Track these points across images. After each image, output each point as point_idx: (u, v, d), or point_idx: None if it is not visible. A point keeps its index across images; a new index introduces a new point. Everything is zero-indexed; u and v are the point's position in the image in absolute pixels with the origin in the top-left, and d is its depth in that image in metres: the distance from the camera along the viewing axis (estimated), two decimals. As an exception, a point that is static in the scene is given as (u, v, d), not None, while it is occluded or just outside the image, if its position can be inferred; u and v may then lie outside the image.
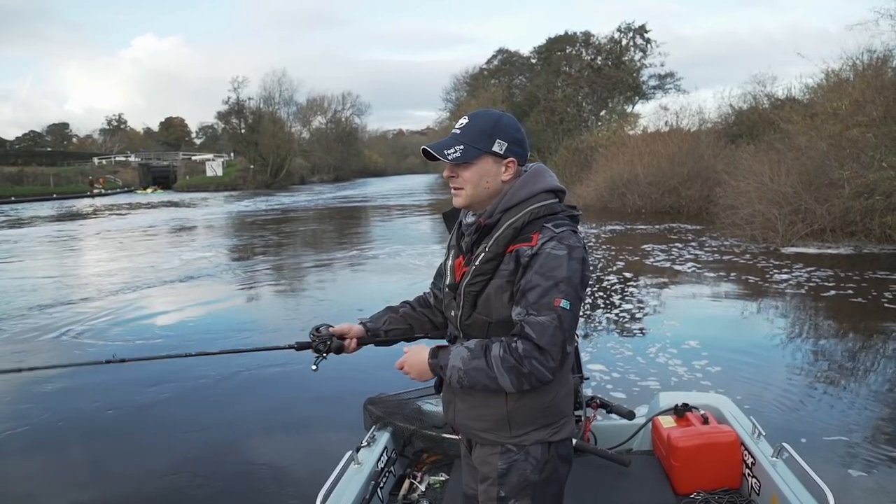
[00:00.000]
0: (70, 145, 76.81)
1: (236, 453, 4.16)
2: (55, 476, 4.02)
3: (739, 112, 22.69)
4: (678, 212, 18.62)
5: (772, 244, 11.80)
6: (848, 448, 3.88)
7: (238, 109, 58.80)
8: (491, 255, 1.57)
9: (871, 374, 5.44)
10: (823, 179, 11.96)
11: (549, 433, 1.62)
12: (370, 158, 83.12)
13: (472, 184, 1.60)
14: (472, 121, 1.61)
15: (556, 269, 1.49)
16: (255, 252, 14.79)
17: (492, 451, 1.65)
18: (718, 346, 6.09)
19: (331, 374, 5.48)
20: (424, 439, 2.87)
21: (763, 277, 9.30)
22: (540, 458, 1.62)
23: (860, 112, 11.47)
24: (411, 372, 1.66)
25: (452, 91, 57.83)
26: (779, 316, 7.60)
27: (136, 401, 5.17)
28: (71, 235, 19.97)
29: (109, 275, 11.49)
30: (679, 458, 2.56)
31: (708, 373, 5.28)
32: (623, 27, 44.48)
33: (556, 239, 1.51)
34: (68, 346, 6.87)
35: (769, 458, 2.41)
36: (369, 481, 2.46)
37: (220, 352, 2.00)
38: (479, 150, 1.57)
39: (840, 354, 6.04)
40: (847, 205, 11.21)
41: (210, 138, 78.83)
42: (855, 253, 10.88)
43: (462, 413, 1.70)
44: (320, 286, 10.48)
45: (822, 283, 8.71)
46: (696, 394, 3.04)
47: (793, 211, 12.12)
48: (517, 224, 1.55)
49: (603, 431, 2.94)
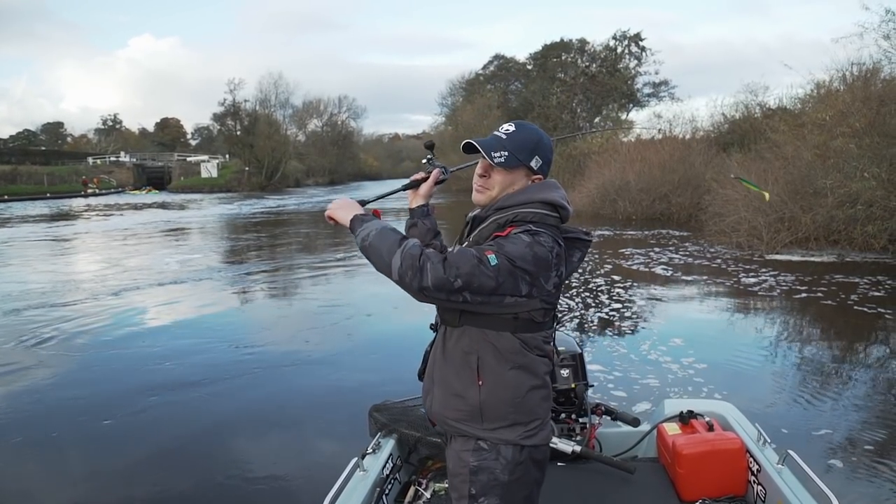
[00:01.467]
0: (65, 145, 76.51)
1: (240, 460, 4.11)
2: (48, 475, 4.01)
3: (731, 121, 22.97)
4: (668, 219, 18.83)
5: (756, 251, 12.00)
6: (830, 439, 4.10)
7: (234, 111, 58.82)
8: (472, 244, 1.66)
9: (840, 367, 5.61)
10: (808, 188, 12.18)
11: (521, 435, 1.64)
12: (365, 162, 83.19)
13: (500, 187, 1.67)
14: (518, 131, 1.67)
15: (507, 243, 1.54)
16: (248, 254, 14.87)
17: (464, 447, 1.68)
18: (702, 343, 6.46)
19: (332, 381, 5.65)
20: (430, 446, 2.84)
21: (737, 280, 9.72)
22: (510, 460, 1.64)
23: (844, 123, 11.69)
24: (334, 207, 1.73)
25: (448, 96, 58.03)
26: (748, 315, 8.04)
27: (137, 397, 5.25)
28: (60, 236, 19.98)
29: (97, 279, 11.36)
30: (684, 465, 2.56)
31: (697, 369, 5.51)
32: (618, 35, 44.83)
33: (527, 232, 1.57)
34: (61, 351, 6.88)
35: (775, 465, 2.41)
36: (374, 488, 2.46)
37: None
38: (520, 161, 1.65)
39: (811, 353, 6.29)
40: (831, 213, 11.42)
41: (206, 140, 78.71)
42: (837, 260, 11.07)
43: (438, 402, 1.73)
44: (325, 288, 10.58)
45: (792, 286, 9.11)
46: (700, 401, 3.08)
47: (778, 219, 12.32)
48: (501, 220, 1.62)
49: (608, 438, 2.94)
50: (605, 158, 23.18)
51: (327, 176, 67.46)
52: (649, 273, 10.67)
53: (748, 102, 22.79)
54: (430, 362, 1.79)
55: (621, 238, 15.38)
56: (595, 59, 44.50)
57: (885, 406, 4.79)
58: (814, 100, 15.66)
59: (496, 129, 1.70)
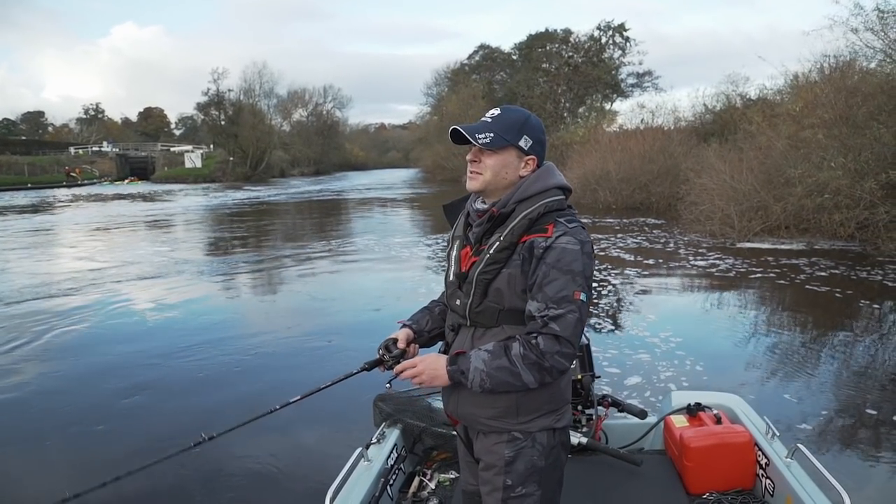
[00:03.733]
0: (45, 134, 75.50)
1: (243, 450, 4.09)
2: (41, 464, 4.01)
3: (712, 111, 23.28)
4: (648, 208, 19.11)
5: (728, 239, 12.31)
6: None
7: (218, 101, 58.36)
8: (505, 245, 1.61)
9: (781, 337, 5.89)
10: (780, 178, 12.47)
11: (553, 419, 1.67)
12: (351, 152, 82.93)
13: (492, 171, 1.65)
14: (503, 113, 1.67)
15: (572, 263, 1.54)
16: (232, 247, 14.93)
17: (497, 440, 1.66)
18: (668, 319, 7.02)
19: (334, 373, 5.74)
20: (434, 437, 2.86)
21: (693, 265, 10.37)
22: (546, 445, 1.66)
23: (813, 114, 11.98)
24: (425, 378, 1.65)
25: (434, 86, 58.05)
26: (699, 293, 8.86)
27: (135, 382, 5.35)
28: (39, 228, 19.89)
29: (76, 275, 11.15)
30: (692, 458, 2.53)
31: (676, 342, 6.09)
32: (603, 25, 45.07)
33: (569, 234, 1.57)
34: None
35: (783, 458, 2.39)
36: (379, 478, 2.46)
37: (302, 396, 1.88)
38: (507, 141, 1.63)
39: (757, 326, 6.77)
40: (800, 202, 11.72)
41: (190, 129, 78.06)
42: (807, 248, 11.39)
43: (467, 401, 1.69)
44: (312, 280, 10.68)
45: (746, 269, 9.78)
46: (708, 393, 3.06)
47: (751, 208, 12.62)
48: (532, 215, 1.60)
49: (614, 430, 2.91)
50: (587, 148, 23.39)
51: (312, 166, 67.23)
52: (616, 258, 11.05)
53: (729, 93, 23.13)
54: None
55: (597, 227, 15.63)
56: (579, 49, 44.68)
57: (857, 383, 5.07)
58: (791, 91, 15.99)
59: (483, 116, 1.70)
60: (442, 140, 49.65)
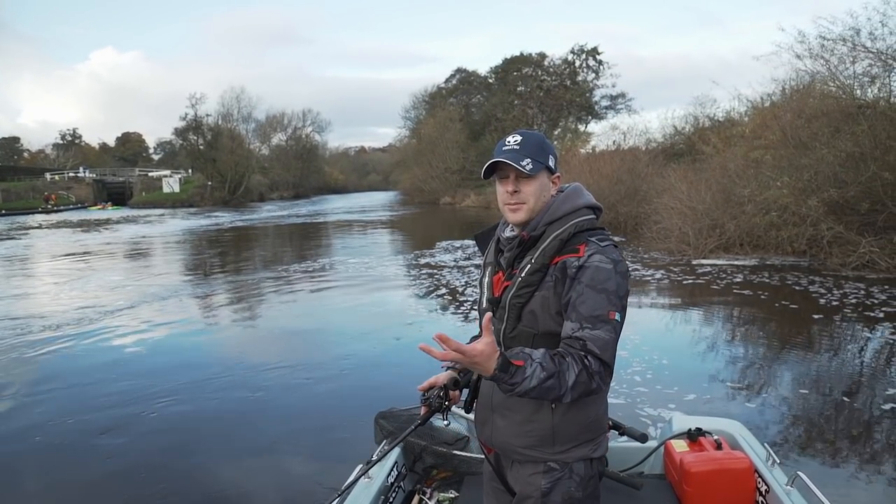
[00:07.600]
0: (21, 160, 74.92)
1: (248, 467, 4.13)
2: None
3: (681, 132, 24.03)
4: (615, 228, 19.57)
5: (685, 256, 12.75)
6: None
7: (196, 126, 58.51)
8: (537, 267, 1.58)
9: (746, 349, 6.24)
10: (734, 197, 13.00)
11: (591, 449, 1.63)
12: (331, 175, 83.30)
13: (534, 197, 1.62)
14: (526, 137, 1.64)
15: (605, 282, 1.51)
16: (212, 271, 15.01)
17: (534, 471, 1.63)
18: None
19: (338, 389, 5.75)
20: (435, 455, 2.86)
21: (640, 277, 10.50)
22: (584, 476, 1.62)
23: (762, 136, 12.57)
24: (476, 363, 1.41)
25: (412, 109, 58.79)
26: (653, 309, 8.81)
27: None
28: (12, 255, 19.82)
29: (53, 303, 11.01)
30: (692, 483, 2.53)
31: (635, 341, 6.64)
32: (576, 49, 46.26)
33: (601, 253, 1.54)
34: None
35: (783, 486, 2.37)
36: (379, 496, 2.46)
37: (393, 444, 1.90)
38: (542, 164, 1.61)
39: (695, 330, 6.98)
40: (752, 220, 12.23)
41: (168, 154, 77.95)
42: (759, 264, 11.86)
43: (502, 431, 1.66)
44: (301, 302, 10.84)
45: (677, 285, 10.01)
46: (709, 419, 3.04)
47: (708, 226, 13.11)
48: (563, 236, 1.58)
49: (614, 453, 2.86)
50: (560, 170, 23.80)
51: (292, 190, 67.37)
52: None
53: (697, 115, 23.92)
54: (486, 392, 1.73)
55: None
56: (552, 73, 45.67)
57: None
58: (750, 113, 16.69)
59: (502, 146, 1.65)
60: (420, 162, 50.27)
